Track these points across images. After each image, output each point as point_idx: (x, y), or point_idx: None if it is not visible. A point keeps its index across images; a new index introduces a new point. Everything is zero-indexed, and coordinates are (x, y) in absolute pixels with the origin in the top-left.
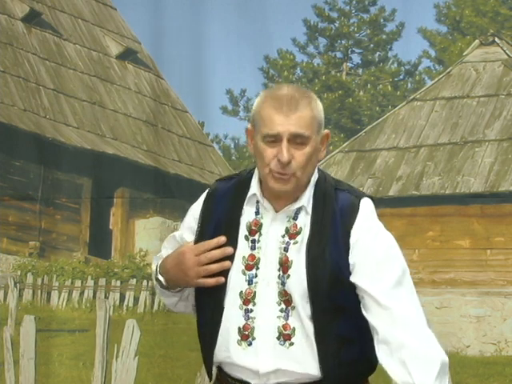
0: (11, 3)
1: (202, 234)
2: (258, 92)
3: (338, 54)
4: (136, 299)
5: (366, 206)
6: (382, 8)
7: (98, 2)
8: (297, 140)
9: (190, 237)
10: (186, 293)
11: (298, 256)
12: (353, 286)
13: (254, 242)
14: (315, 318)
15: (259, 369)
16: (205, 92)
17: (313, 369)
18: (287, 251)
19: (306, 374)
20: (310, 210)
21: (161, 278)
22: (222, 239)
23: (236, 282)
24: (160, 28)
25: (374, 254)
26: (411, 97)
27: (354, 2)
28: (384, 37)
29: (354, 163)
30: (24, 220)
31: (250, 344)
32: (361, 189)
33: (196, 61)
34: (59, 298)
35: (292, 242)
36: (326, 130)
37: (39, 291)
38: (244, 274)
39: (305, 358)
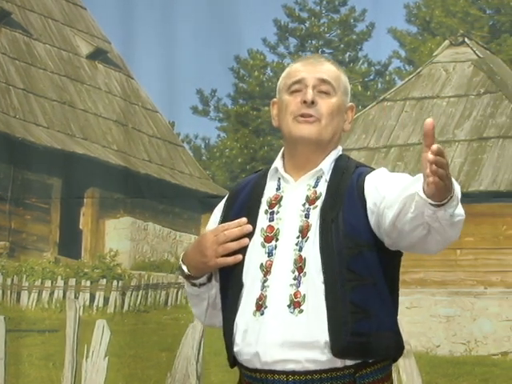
0: None
1: (225, 219)
2: (228, 92)
3: (309, 54)
4: (106, 299)
5: (381, 169)
6: (352, 8)
7: (68, 1)
8: (322, 87)
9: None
10: (212, 292)
11: (317, 220)
12: (374, 256)
13: (272, 213)
14: (326, 281)
15: (266, 341)
16: (175, 92)
17: (321, 337)
18: (308, 217)
19: (315, 341)
20: (328, 176)
21: (183, 266)
22: (244, 220)
23: (256, 256)
24: (130, 28)
25: (387, 179)
26: (381, 97)
27: (325, 3)
28: (354, 37)
29: None
30: None
31: (262, 314)
32: None
33: (166, 61)
34: (29, 298)
35: (312, 207)
36: (352, 103)
37: (9, 291)
38: (263, 246)
39: (313, 325)
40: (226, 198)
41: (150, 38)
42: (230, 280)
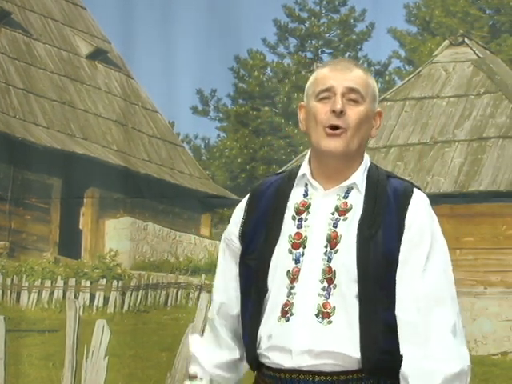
0: None
1: (248, 220)
2: (228, 92)
3: (309, 54)
4: (106, 299)
5: (421, 195)
6: (352, 8)
7: (68, 1)
8: (351, 96)
9: (236, 230)
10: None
11: (348, 233)
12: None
13: (300, 220)
14: (362, 298)
15: (293, 347)
16: (175, 92)
17: (350, 350)
18: (336, 227)
19: (342, 354)
20: (363, 189)
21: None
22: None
23: (283, 262)
24: (130, 28)
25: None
26: (381, 97)
27: (324, 3)
28: (354, 37)
29: None
30: None
31: (287, 320)
32: None
33: (166, 61)
34: (29, 298)
35: (342, 218)
36: (379, 109)
37: (9, 291)
38: (291, 252)
39: (343, 337)
40: (248, 197)
41: (149, 38)
42: (253, 285)
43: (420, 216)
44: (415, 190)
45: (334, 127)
